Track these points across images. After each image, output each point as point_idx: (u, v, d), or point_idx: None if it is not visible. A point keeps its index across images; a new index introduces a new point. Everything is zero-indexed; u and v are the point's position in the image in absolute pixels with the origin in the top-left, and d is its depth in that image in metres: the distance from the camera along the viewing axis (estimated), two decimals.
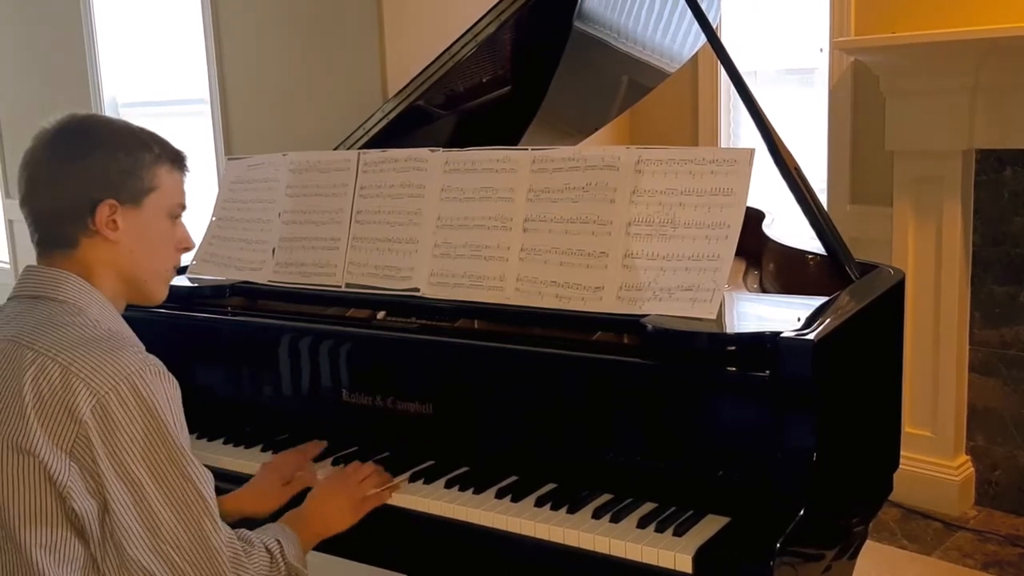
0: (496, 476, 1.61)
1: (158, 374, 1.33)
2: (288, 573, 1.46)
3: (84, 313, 1.38)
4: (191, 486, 1.32)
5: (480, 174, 1.78)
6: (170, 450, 1.31)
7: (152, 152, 1.45)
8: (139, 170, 1.43)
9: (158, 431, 1.30)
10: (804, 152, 3.36)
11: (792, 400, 1.38)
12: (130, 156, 1.43)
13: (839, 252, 1.84)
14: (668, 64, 2.57)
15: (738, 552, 1.35)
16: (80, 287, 1.40)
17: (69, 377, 1.27)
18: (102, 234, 1.41)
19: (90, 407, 1.26)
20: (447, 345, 1.72)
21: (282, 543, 1.46)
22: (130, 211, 1.42)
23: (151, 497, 1.29)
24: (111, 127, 1.46)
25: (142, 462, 1.29)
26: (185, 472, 1.32)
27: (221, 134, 3.75)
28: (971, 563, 2.96)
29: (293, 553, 1.47)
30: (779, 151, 1.81)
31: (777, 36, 3.79)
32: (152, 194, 1.45)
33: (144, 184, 1.44)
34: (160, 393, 1.31)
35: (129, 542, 1.28)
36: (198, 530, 1.32)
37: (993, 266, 3.22)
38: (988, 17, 3.03)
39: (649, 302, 1.56)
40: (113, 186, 1.41)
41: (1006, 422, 3.27)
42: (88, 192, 1.40)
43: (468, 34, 2.09)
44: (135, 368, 1.30)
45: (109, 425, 1.27)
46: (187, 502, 1.32)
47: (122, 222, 1.42)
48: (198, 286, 2.05)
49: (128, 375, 1.29)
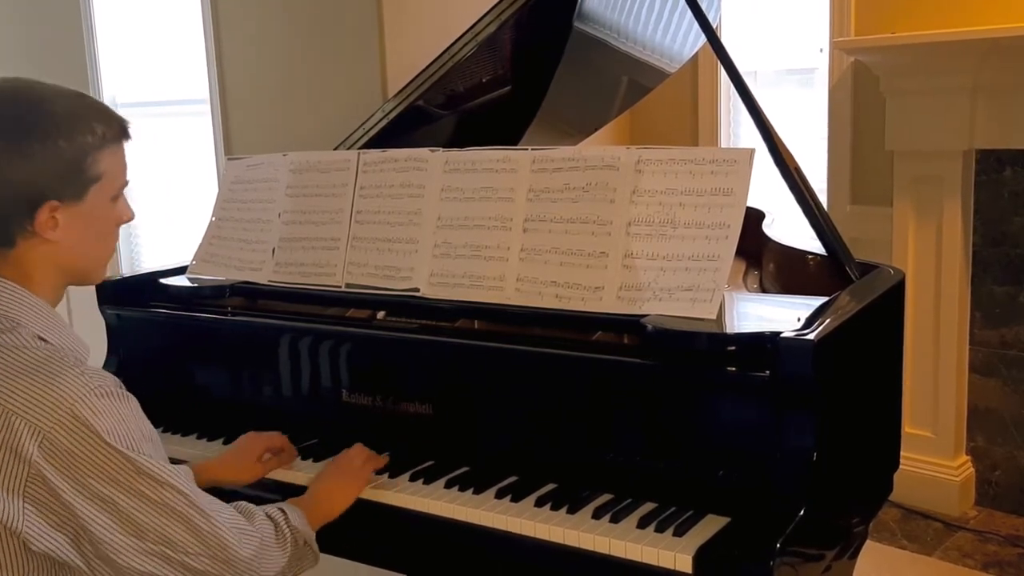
0: (496, 476, 1.61)
1: (104, 395, 1.24)
2: (295, 539, 1.44)
3: (18, 329, 1.29)
4: (167, 487, 1.28)
5: (480, 174, 1.78)
6: (134, 463, 1.25)
7: (95, 134, 1.32)
8: (82, 162, 1.31)
9: (115, 452, 1.23)
10: (804, 152, 3.36)
11: (792, 400, 1.38)
12: (72, 144, 1.29)
13: (839, 252, 1.84)
14: (668, 64, 2.57)
15: (738, 552, 1.35)
16: (13, 297, 1.31)
17: (9, 417, 1.20)
18: (40, 235, 1.31)
19: (37, 445, 1.19)
20: (447, 345, 1.72)
21: (286, 512, 1.45)
22: (71, 206, 1.31)
23: (127, 509, 1.25)
24: (48, 106, 1.30)
25: (108, 482, 1.23)
26: (157, 477, 1.27)
27: (221, 134, 3.75)
28: (971, 563, 2.96)
29: (299, 520, 1.46)
30: (779, 151, 1.81)
31: (777, 36, 3.78)
32: (95, 184, 1.33)
33: (87, 175, 1.32)
34: (109, 416, 1.24)
35: (117, 554, 1.25)
36: (186, 524, 1.29)
37: (993, 266, 3.22)
38: (988, 17, 3.03)
39: (649, 302, 1.56)
40: (53, 185, 1.29)
41: (1006, 422, 3.27)
42: (25, 192, 1.28)
43: (468, 34, 2.09)
44: (77, 395, 1.22)
45: (63, 458, 1.21)
46: (166, 503, 1.28)
47: (63, 219, 1.31)
48: (198, 286, 2.05)
49: (70, 405, 1.21)
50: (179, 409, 1.96)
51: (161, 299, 2.06)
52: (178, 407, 1.97)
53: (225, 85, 3.71)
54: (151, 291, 2.08)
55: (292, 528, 1.44)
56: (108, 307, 2.09)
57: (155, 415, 2.00)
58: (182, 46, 4.00)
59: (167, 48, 4.16)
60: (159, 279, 2.10)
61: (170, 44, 4.13)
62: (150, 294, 2.08)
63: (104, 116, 1.36)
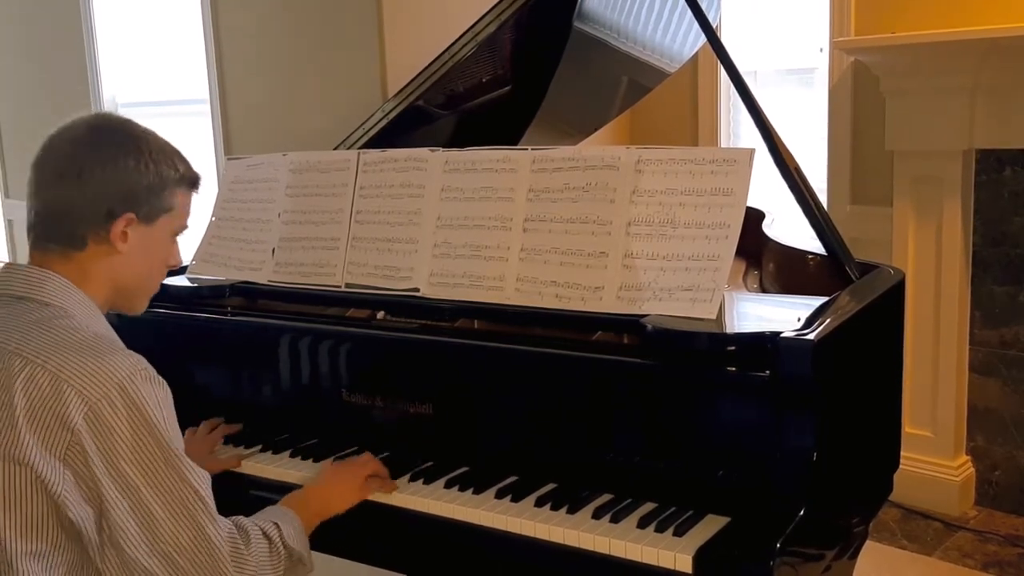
0: (496, 476, 1.61)
1: (148, 379, 1.32)
2: (288, 556, 1.46)
3: (70, 316, 1.37)
4: (188, 488, 1.32)
5: (480, 174, 1.78)
6: (165, 453, 1.31)
7: (177, 171, 1.47)
8: (162, 189, 1.44)
9: (151, 435, 1.29)
10: (804, 152, 3.36)
11: (792, 400, 1.38)
12: (158, 172, 1.43)
13: (839, 252, 1.84)
14: (668, 64, 2.57)
15: (738, 552, 1.35)
16: (65, 289, 1.39)
17: (59, 384, 1.26)
18: (112, 244, 1.41)
19: (82, 414, 1.26)
20: (447, 345, 1.72)
21: (280, 526, 1.47)
22: (142, 227, 1.43)
23: (148, 500, 1.29)
24: (144, 137, 1.45)
25: (137, 466, 1.29)
26: (181, 474, 1.32)
27: (221, 134, 3.75)
28: (971, 563, 2.96)
29: (292, 535, 1.47)
30: (779, 151, 1.81)
31: (777, 36, 3.79)
32: (166, 215, 1.46)
33: (163, 204, 1.45)
34: (151, 397, 1.31)
35: (128, 544, 1.29)
36: (197, 530, 1.32)
37: (993, 266, 3.22)
38: (988, 17, 3.03)
39: (649, 302, 1.56)
40: (135, 201, 1.41)
41: (1006, 422, 3.27)
42: (110, 200, 1.40)
43: (468, 34, 2.09)
44: (126, 373, 1.29)
45: (102, 431, 1.27)
46: (184, 503, 1.32)
47: (132, 236, 1.43)
48: (198, 286, 2.05)
49: (119, 380, 1.28)
50: (179, 409, 1.96)
51: (161, 299, 2.05)
52: (178, 407, 1.96)
53: (225, 85, 3.71)
54: None
55: (287, 547, 1.46)
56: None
57: None
58: (182, 46, 4.00)
59: (167, 48, 4.16)
60: None
61: (170, 44, 4.13)
62: None
63: (186, 162, 1.50)
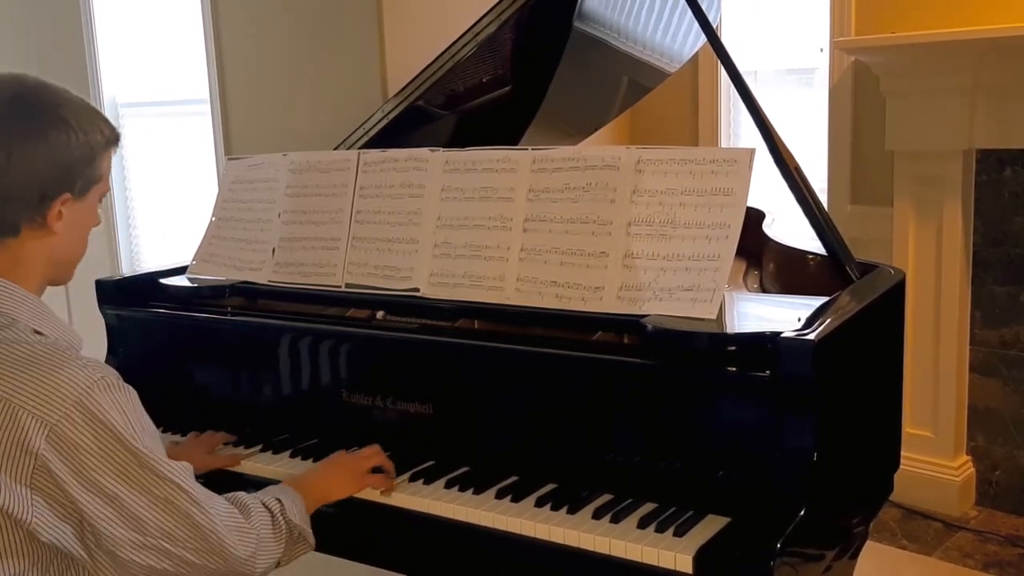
0: (496, 476, 1.60)
1: (107, 387, 1.26)
2: (290, 531, 1.46)
3: (13, 324, 1.29)
4: (167, 483, 1.29)
5: (480, 174, 1.78)
6: (137, 456, 1.27)
7: (103, 135, 1.36)
8: (93, 159, 1.35)
9: (119, 443, 1.25)
10: (804, 152, 3.35)
11: (792, 400, 1.38)
12: (87, 142, 1.33)
13: (839, 252, 1.84)
14: (668, 64, 2.57)
15: (738, 552, 1.35)
16: (8, 293, 1.31)
17: (14, 411, 1.21)
18: (48, 226, 1.33)
19: (43, 437, 1.21)
20: (447, 345, 1.71)
21: (282, 501, 1.47)
22: (76, 202, 1.35)
23: (130, 504, 1.27)
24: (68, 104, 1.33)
25: (112, 475, 1.25)
26: (158, 472, 1.29)
27: (221, 134, 3.75)
28: (972, 563, 2.96)
29: (295, 511, 1.48)
30: (779, 151, 1.81)
31: (777, 36, 3.78)
32: (97, 184, 1.38)
33: (94, 174, 1.36)
34: (113, 408, 1.25)
35: (120, 548, 1.27)
36: (186, 519, 1.30)
37: (993, 266, 3.22)
38: (988, 17, 3.03)
39: (649, 302, 1.56)
40: (70, 178, 1.32)
41: (1006, 422, 3.27)
42: (43, 183, 1.30)
43: (468, 34, 2.09)
44: (82, 387, 1.23)
45: (68, 450, 1.22)
46: (167, 499, 1.29)
47: (67, 214, 1.34)
48: (198, 286, 2.05)
49: (76, 397, 1.22)
50: (179, 409, 1.96)
51: (161, 299, 2.06)
52: (178, 407, 1.97)
53: (225, 85, 3.71)
54: (151, 291, 2.08)
55: (288, 520, 1.46)
56: (108, 307, 2.09)
57: (155, 415, 1.99)
58: (182, 46, 4.00)
59: (167, 48, 4.16)
60: (159, 279, 2.10)
61: (170, 44, 4.13)
62: (150, 294, 2.08)
63: (106, 119, 1.39)
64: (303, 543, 1.50)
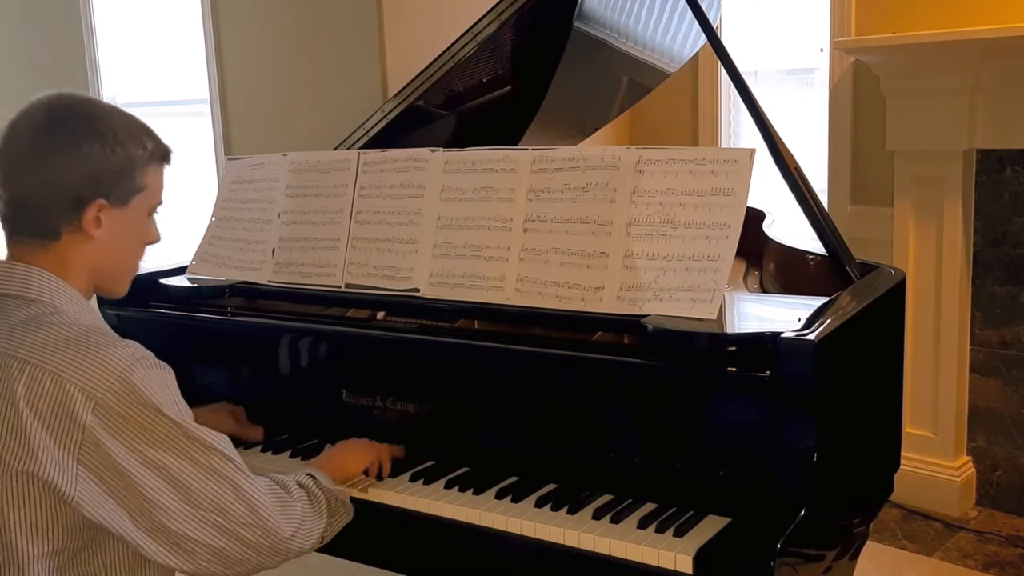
0: (496, 476, 1.60)
1: (149, 365, 1.32)
2: (327, 499, 1.49)
3: (59, 312, 1.35)
4: (214, 452, 1.34)
5: (480, 174, 1.78)
6: (182, 428, 1.32)
7: (146, 149, 1.43)
8: (132, 170, 1.41)
9: (162, 416, 1.30)
10: (804, 152, 3.35)
11: (793, 400, 1.38)
12: (125, 154, 1.39)
13: (839, 252, 1.83)
14: (668, 64, 2.57)
15: (739, 552, 1.35)
16: (52, 284, 1.38)
17: (62, 383, 1.26)
18: (85, 231, 1.39)
19: (90, 410, 1.25)
20: (447, 345, 1.71)
21: (314, 475, 1.51)
22: (116, 210, 1.40)
23: (179, 473, 1.31)
24: (107, 117, 1.41)
25: (159, 446, 1.30)
26: (204, 442, 1.33)
27: (221, 134, 3.75)
28: (972, 564, 2.96)
29: (327, 482, 1.51)
30: (779, 151, 1.81)
31: (777, 36, 3.79)
32: (140, 194, 1.43)
33: (135, 184, 1.42)
34: (155, 383, 1.31)
35: (172, 520, 1.30)
36: (235, 488, 1.35)
37: (993, 266, 3.22)
38: (988, 17, 3.03)
39: (649, 302, 1.56)
40: (105, 185, 1.38)
41: (1007, 422, 3.27)
42: (78, 188, 1.36)
43: (468, 34, 2.09)
44: (126, 363, 1.29)
45: (115, 422, 1.27)
46: (214, 468, 1.34)
47: (106, 220, 1.40)
48: (198, 286, 2.05)
49: (120, 372, 1.28)
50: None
51: (161, 299, 2.06)
52: None
53: (225, 85, 3.71)
54: (151, 291, 2.08)
55: (324, 490, 1.50)
56: (108, 307, 2.09)
57: None
58: (182, 46, 4.00)
59: (167, 48, 4.16)
60: (159, 279, 2.10)
61: (170, 44, 4.13)
62: (150, 294, 2.07)
63: (154, 137, 1.46)
64: (343, 510, 1.53)
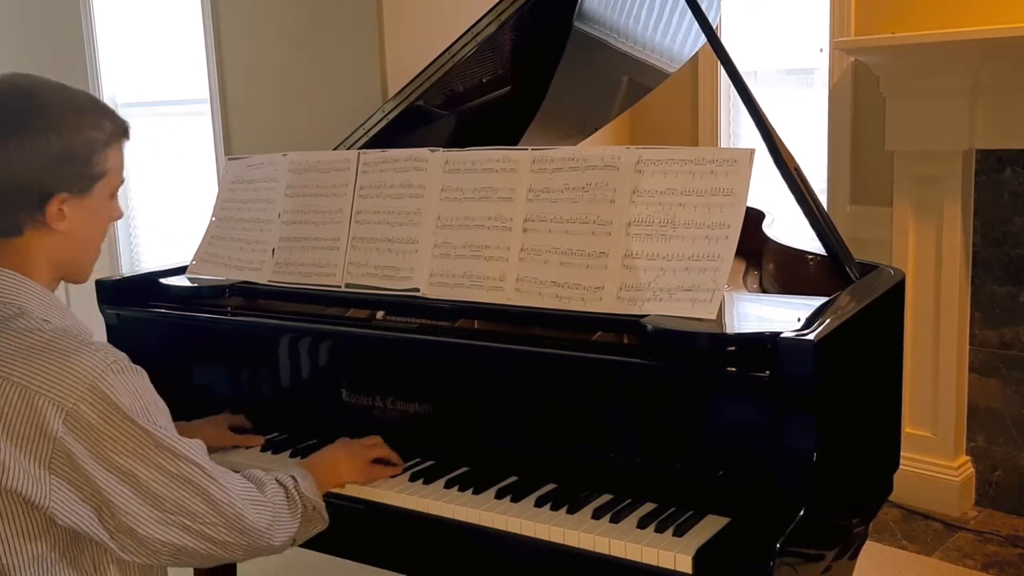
0: (496, 476, 1.61)
1: (120, 371, 1.29)
2: (304, 506, 1.48)
3: (26, 314, 1.31)
4: (184, 461, 1.33)
5: (480, 174, 1.78)
6: (152, 436, 1.30)
7: (104, 131, 1.36)
8: (91, 157, 1.34)
9: (134, 424, 1.28)
10: (804, 152, 3.36)
11: (792, 400, 1.38)
12: (84, 139, 1.33)
13: (839, 252, 1.84)
14: (668, 64, 2.57)
15: (738, 552, 1.35)
16: (16, 284, 1.33)
17: (30, 396, 1.23)
18: (49, 225, 1.34)
19: (61, 421, 1.23)
20: (447, 345, 1.72)
21: (296, 478, 1.50)
22: (79, 200, 1.35)
23: (147, 482, 1.30)
24: (61, 102, 1.33)
25: (129, 455, 1.28)
26: (175, 450, 1.32)
27: (221, 134, 3.75)
28: (971, 564, 2.96)
29: (307, 487, 1.50)
30: (779, 151, 1.81)
31: (777, 36, 3.78)
32: (102, 180, 1.37)
33: (95, 171, 1.36)
34: (127, 390, 1.28)
35: (139, 524, 1.30)
36: (204, 496, 1.34)
37: (993, 266, 3.22)
38: (988, 17, 3.03)
39: (649, 302, 1.56)
40: (64, 178, 1.32)
41: (1006, 422, 3.27)
42: (38, 182, 1.31)
43: (468, 34, 2.09)
44: (96, 371, 1.26)
45: (85, 432, 1.25)
46: (184, 476, 1.33)
47: (70, 212, 1.35)
48: (198, 286, 2.05)
49: (90, 380, 1.25)
50: (179, 409, 1.96)
51: (161, 299, 2.06)
52: (178, 407, 1.96)
53: (225, 85, 3.71)
54: (151, 291, 2.08)
55: (302, 495, 1.49)
56: (108, 307, 2.09)
57: None
58: (182, 46, 4.00)
59: (167, 48, 4.16)
60: (159, 279, 2.10)
61: (170, 44, 4.13)
62: (150, 294, 2.08)
63: (110, 115, 1.40)
64: (318, 519, 1.52)
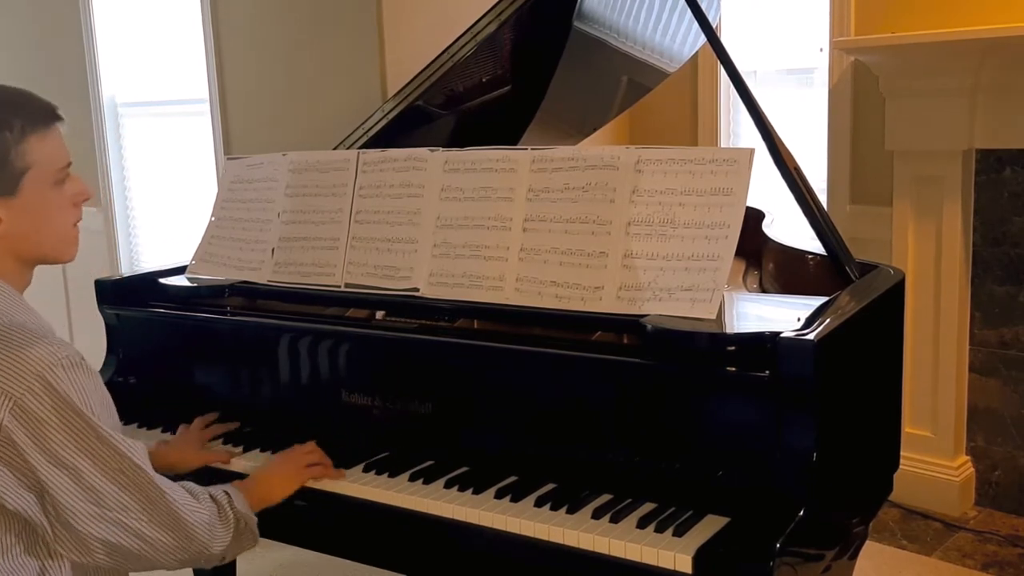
0: (496, 476, 1.60)
1: (70, 366, 1.29)
2: (236, 520, 1.49)
3: None
4: (124, 459, 1.34)
5: (480, 174, 1.78)
6: (96, 430, 1.31)
7: (14, 128, 1.32)
8: (7, 156, 1.31)
9: (79, 417, 1.29)
10: (804, 152, 3.36)
11: (792, 400, 1.38)
12: None
13: (839, 252, 1.84)
14: (668, 64, 2.57)
15: (738, 552, 1.35)
16: None
17: None
18: None
19: (8, 410, 1.25)
20: (447, 345, 1.72)
21: (230, 494, 1.51)
22: (9, 200, 1.33)
23: (88, 475, 1.30)
24: None
25: (72, 448, 1.29)
26: (116, 448, 1.33)
27: (221, 134, 3.75)
28: (971, 563, 2.96)
29: (241, 503, 1.51)
30: (779, 151, 1.81)
31: (777, 36, 3.78)
32: (27, 174, 1.33)
33: (15, 169, 1.32)
34: (75, 386, 1.29)
35: (78, 520, 1.30)
36: (143, 493, 1.35)
37: (993, 266, 3.22)
38: (988, 17, 3.03)
39: (649, 302, 1.56)
40: None
41: (1006, 422, 3.27)
42: None
43: (468, 34, 2.09)
44: (45, 363, 1.27)
45: (32, 422, 1.26)
46: (123, 471, 1.34)
47: (4, 213, 1.33)
48: (197, 286, 2.05)
49: (39, 372, 1.26)
50: (178, 409, 1.96)
51: (161, 299, 2.06)
52: (177, 407, 1.96)
53: (225, 85, 3.71)
54: (150, 291, 2.08)
55: (235, 511, 1.49)
56: (108, 307, 2.09)
57: (154, 414, 2.01)
58: (182, 46, 4.00)
59: (167, 48, 4.16)
60: (159, 279, 2.10)
61: (170, 44, 4.13)
62: (150, 294, 2.08)
63: (20, 108, 1.35)
64: (249, 534, 1.53)
